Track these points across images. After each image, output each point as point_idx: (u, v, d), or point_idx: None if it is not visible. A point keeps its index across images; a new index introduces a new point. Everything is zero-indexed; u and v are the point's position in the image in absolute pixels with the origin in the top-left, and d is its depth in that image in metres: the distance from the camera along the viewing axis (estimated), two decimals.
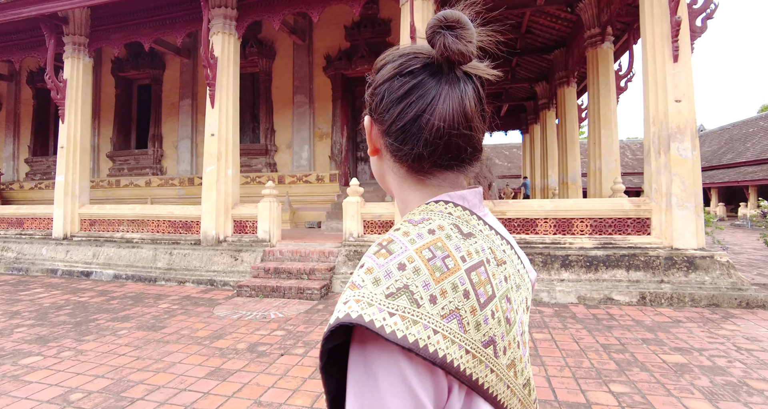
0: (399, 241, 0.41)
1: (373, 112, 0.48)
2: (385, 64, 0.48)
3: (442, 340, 0.37)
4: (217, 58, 5.79)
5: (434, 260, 0.40)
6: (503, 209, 4.98)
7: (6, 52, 7.29)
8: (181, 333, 3.46)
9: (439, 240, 0.41)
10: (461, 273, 0.40)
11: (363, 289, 0.38)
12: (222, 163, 5.75)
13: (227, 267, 5.38)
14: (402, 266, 0.39)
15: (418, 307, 0.37)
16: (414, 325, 0.36)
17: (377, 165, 0.52)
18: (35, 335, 3.43)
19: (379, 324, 0.36)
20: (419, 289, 0.38)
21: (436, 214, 0.45)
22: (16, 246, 6.67)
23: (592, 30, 7.07)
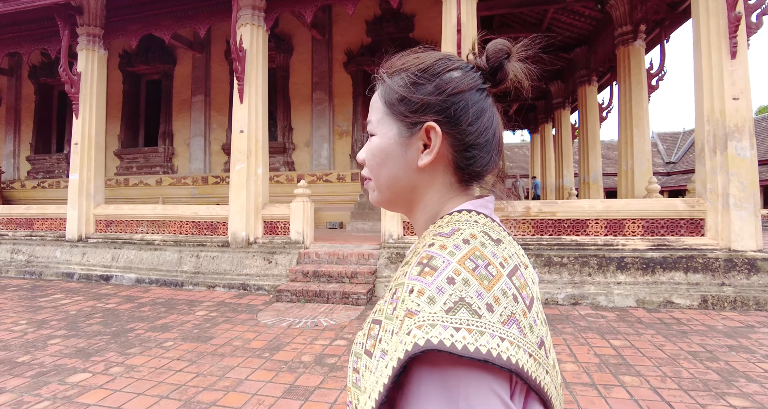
0: (439, 255, 0.40)
1: (449, 120, 0.46)
2: (450, 70, 0.47)
3: (510, 346, 0.37)
4: (246, 50, 5.52)
5: (478, 269, 0.39)
6: (554, 209, 4.81)
7: (15, 43, 6.91)
8: (234, 344, 3.21)
9: (476, 249, 0.41)
10: (505, 279, 0.40)
11: (421, 312, 0.37)
12: (252, 161, 5.48)
13: (260, 270, 5.12)
14: (451, 280, 0.38)
15: (479, 317, 0.37)
16: (481, 336, 0.36)
17: (413, 176, 0.48)
18: (73, 348, 3.15)
19: (449, 342, 0.35)
20: (474, 299, 0.37)
21: (464, 223, 0.45)
22: (27, 248, 6.31)
23: (623, 27, 6.94)
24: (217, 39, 9.10)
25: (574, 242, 4.69)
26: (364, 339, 0.44)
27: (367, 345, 0.43)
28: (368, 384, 0.40)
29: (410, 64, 0.48)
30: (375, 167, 0.49)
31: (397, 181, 0.48)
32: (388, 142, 0.48)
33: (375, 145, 0.49)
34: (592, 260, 4.49)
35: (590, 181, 9.39)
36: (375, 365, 0.40)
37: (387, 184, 0.49)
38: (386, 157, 0.48)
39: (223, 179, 8.75)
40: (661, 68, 7.05)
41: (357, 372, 0.44)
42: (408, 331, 0.36)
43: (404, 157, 0.47)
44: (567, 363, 2.82)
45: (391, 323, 0.40)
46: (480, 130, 0.46)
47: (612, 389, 2.43)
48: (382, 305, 0.44)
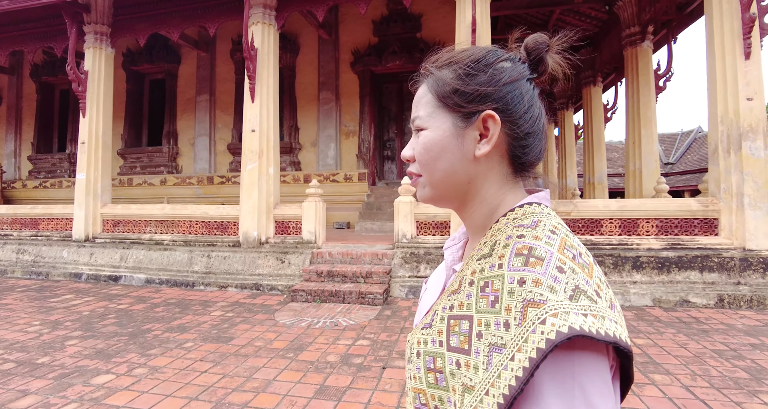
0: (538, 246, 0.40)
1: (507, 109, 0.46)
2: (501, 61, 0.47)
3: (621, 329, 0.37)
4: (257, 49, 5.49)
5: (576, 258, 0.40)
6: (568, 209, 4.81)
7: (19, 41, 6.83)
8: (256, 345, 3.17)
9: (565, 239, 0.41)
10: (596, 267, 0.41)
11: (548, 302, 0.36)
12: (263, 160, 5.45)
13: (273, 270, 5.08)
14: (561, 269, 0.38)
15: (596, 303, 0.37)
16: (604, 320, 0.36)
17: (469, 168, 0.48)
18: (92, 349, 3.10)
19: (587, 328, 0.35)
20: (586, 287, 0.37)
21: (540, 215, 0.45)
22: (32, 248, 6.22)
23: (631, 28, 6.97)
24: (222, 38, 9.05)
25: (589, 242, 4.69)
26: (441, 336, 0.43)
27: (452, 342, 0.41)
28: (479, 381, 0.38)
29: (461, 57, 0.48)
30: (429, 162, 0.48)
31: (453, 174, 0.48)
32: (443, 134, 0.47)
33: (428, 139, 0.48)
34: (607, 260, 4.49)
35: (595, 181, 9.43)
36: (484, 361, 0.38)
37: (442, 178, 0.48)
38: (442, 150, 0.47)
39: (229, 179, 8.70)
40: (669, 69, 7.10)
41: (438, 372, 0.42)
42: (541, 320, 0.35)
43: (461, 149, 0.47)
44: None
45: (495, 315, 0.38)
46: (534, 118, 0.47)
47: (644, 388, 2.42)
48: (464, 299, 0.42)
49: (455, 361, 0.40)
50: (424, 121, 0.49)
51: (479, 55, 0.47)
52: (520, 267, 0.39)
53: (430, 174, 0.49)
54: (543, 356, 0.34)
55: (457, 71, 0.47)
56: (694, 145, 24.14)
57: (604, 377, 0.37)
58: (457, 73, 0.47)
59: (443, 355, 0.42)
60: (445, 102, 0.47)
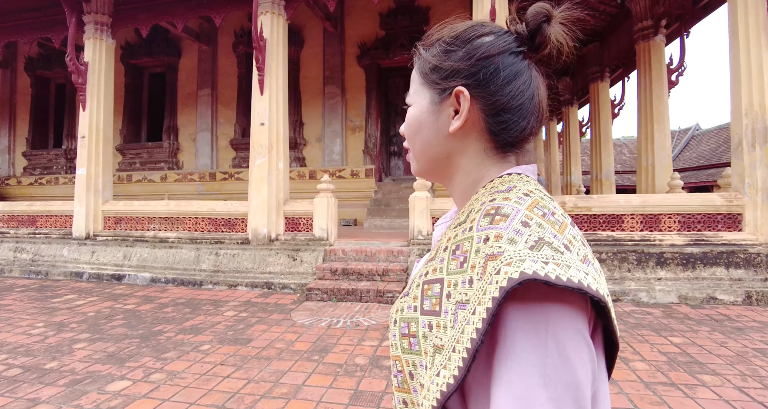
0: (506, 204, 0.40)
1: (479, 84, 0.45)
2: (480, 36, 0.46)
3: (593, 281, 0.36)
4: (266, 40, 5.30)
5: (547, 216, 0.40)
6: (589, 204, 4.69)
7: (15, 32, 6.56)
8: (277, 347, 3.01)
9: (538, 201, 0.41)
10: (570, 227, 0.41)
11: (505, 252, 0.36)
12: (273, 155, 5.27)
13: (285, 268, 4.91)
14: (526, 224, 0.38)
15: (561, 254, 0.36)
16: (569, 269, 0.35)
17: (445, 143, 0.48)
18: (103, 353, 2.92)
19: (543, 272, 0.34)
20: (552, 239, 0.37)
21: (517, 181, 0.45)
22: (31, 247, 5.99)
23: (643, 22, 6.87)
24: (225, 31, 8.81)
25: (610, 238, 4.58)
26: (416, 302, 0.43)
27: (425, 306, 0.42)
28: (447, 339, 0.38)
29: (443, 34, 0.48)
30: (411, 136, 0.51)
31: (430, 148, 0.49)
32: (421, 110, 0.49)
33: (410, 115, 0.50)
34: (630, 256, 4.38)
35: (603, 178, 9.35)
36: (452, 319, 0.38)
37: (422, 151, 0.50)
38: (420, 125, 0.49)
39: (232, 175, 8.49)
40: (681, 64, 7.00)
41: (412, 337, 0.42)
42: (496, 271, 0.36)
43: (436, 124, 0.48)
44: (635, 361, 2.69)
45: (462, 275, 0.39)
46: (513, 94, 0.45)
47: (696, 389, 2.30)
48: (438, 264, 0.43)
49: (427, 323, 0.41)
50: (410, 98, 0.51)
51: (459, 31, 0.47)
52: (486, 226, 0.39)
53: (413, 147, 0.51)
54: (498, 304, 0.34)
55: (438, 49, 0.47)
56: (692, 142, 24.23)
57: (580, 330, 0.36)
58: (437, 50, 0.47)
59: (417, 319, 0.42)
60: (426, 79, 0.49)
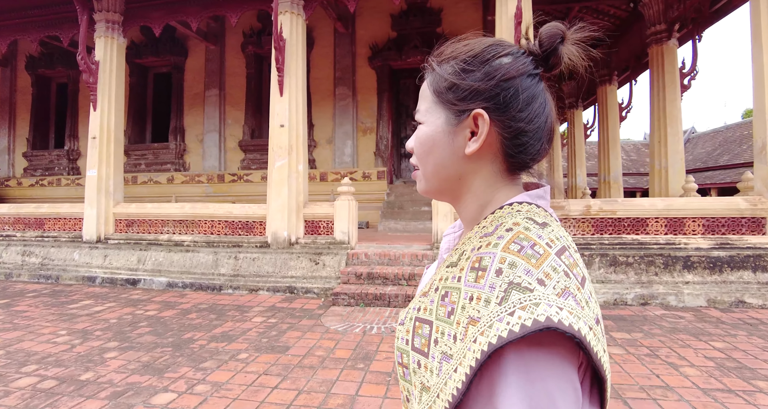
0: (486, 254, 0.41)
1: (498, 107, 0.45)
2: (499, 56, 0.46)
3: (569, 315, 0.36)
4: (286, 40, 5.22)
5: (524, 249, 0.40)
6: (614, 207, 4.69)
7: (21, 30, 6.39)
8: (317, 354, 2.93)
9: (520, 233, 0.42)
10: (553, 257, 0.40)
11: (482, 318, 0.37)
12: (293, 157, 5.18)
13: (306, 272, 4.83)
14: (499, 271, 0.39)
15: (531, 292, 0.37)
16: (537, 307, 0.36)
17: (459, 165, 0.48)
18: (138, 363, 2.82)
19: (506, 332, 0.35)
20: (524, 277, 0.38)
21: (505, 216, 0.45)
22: (39, 250, 5.82)
23: (657, 26, 6.91)
24: (233, 31, 8.70)
25: (635, 241, 4.58)
26: (408, 335, 0.45)
27: (415, 343, 0.44)
28: (433, 384, 0.40)
29: (459, 52, 0.47)
30: (422, 155, 0.49)
31: (443, 169, 0.48)
32: (436, 130, 0.48)
33: (423, 134, 0.49)
34: (657, 259, 4.38)
35: (611, 180, 9.40)
36: (437, 367, 0.40)
37: (434, 172, 0.49)
38: (434, 145, 0.48)
39: (241, 177, 8.37)
40: (693, 67, 7.06)
41: (405, 367, 0.44)
42: (473, 339, 0.37)
43: (451, 145, 0.47)
44: (685, 367, 2.67)
45: (449, 327, 0.40)
46: (530, 117, 0.46)
47: (755, 396, 2.28)
48: (427, 304, 0.44)
49: (416, 360, 0.43)
50: (422, 115, 0.49)
51: (477, 51, 0.46)
52: (472, 283, 0.40)
53: (423, 167, 0.50)
54: (474, 373, 0.36)
55: (454, 67, 0.46)
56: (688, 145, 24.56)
57: (567, 373, 0.37)
58: (454, 69, 0.46)
59: (408, 353, 0.44)
60: (441, 98, 0.47)
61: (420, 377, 0.42)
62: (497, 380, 0.36)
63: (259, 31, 8.35)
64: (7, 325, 3.65)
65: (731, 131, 20.83)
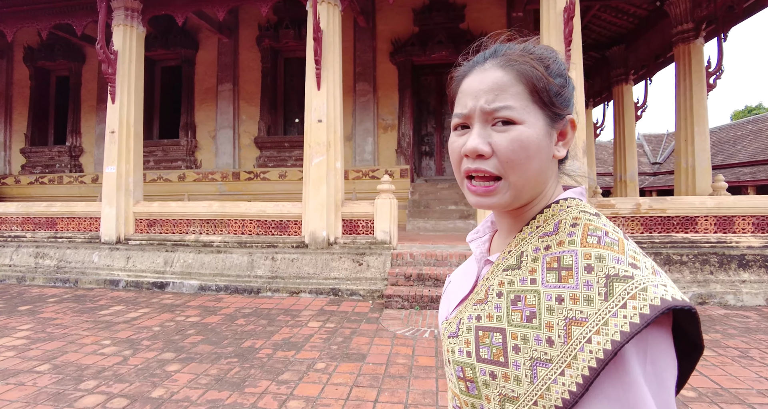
0: (564, 253, 0.41)
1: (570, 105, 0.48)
2: (557, 60, 0.49)
3: (673, 289, 0.38)
4: (323, 31, 4.99)
5: (601, 240, 0.41)
6: (663, 206, 4.62)
7: (30, 17, 5.98)
8: (399, 362, 2.74)
9: (587, 225, 0.43)
10: (627, 241, 0.41)
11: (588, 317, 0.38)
12: (331, 153, 4.96)
13: (350, 274, 4.61)
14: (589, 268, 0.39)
15: (632, 279, 0.37)
16: (645, 292, 0.36)
17: (549, 169, 0.48)
18: (207, 376, 2.58)
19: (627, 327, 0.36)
20: (617, 267, 0.38)
21: (559, 214, 0.46)
22: (54, 252, 5.45)
23: (684, 25, 6.92)
24: (246, 23, 8.40)
25: (686, 240, 4.51)
26: (469, 347, 0.44)
27: (482, 354, 0.42)
28: (522, 392, 0.39)
29: (551, 56, 0.48)
30: (523, 160, 0.44)
31: (540, 174, 0.46)
32: (539, 132, 0.45)
33: (527, 136, 0.44)
34: (712, 258, 4.33)
35: (627, 179, 9.44)
36: (527, 374, 0.39)
37: (532, 178, 0.46)
38: (538, 150, 0.45)
39: (258, 175, 8.08)
40: (719, 67, 7.09)
41: (469, 381, 0.43)
42: (585, 339, 0.37)
43: (549, 149, 0.46)
44: None
45: (535, 331, 0.39)
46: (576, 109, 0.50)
47: None
48: (491, 311, 0.43)
49: (489, 372, 0.42)
50: (519, 113, 0.44)
51: (560, 58, 0.49)
52: (554, 284, 0.40)
53: (519, 175, 0.45)
54: (596, 374, 0.36)
55: (551, 68, 0.47)
56: None
57: (671, 349, 0.38)
58: (551, 69, 0.47)
59: (473, 366, 0.43)
60: (542, 96, 0.45)
61: (496, 389, 0.41)
62: (617, 374, 0.36)
63: (275, 24, 8.07)
64: (41, 334, 3.35)
65: (724, 132, 21.35)
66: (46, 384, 2.44)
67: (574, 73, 4.76)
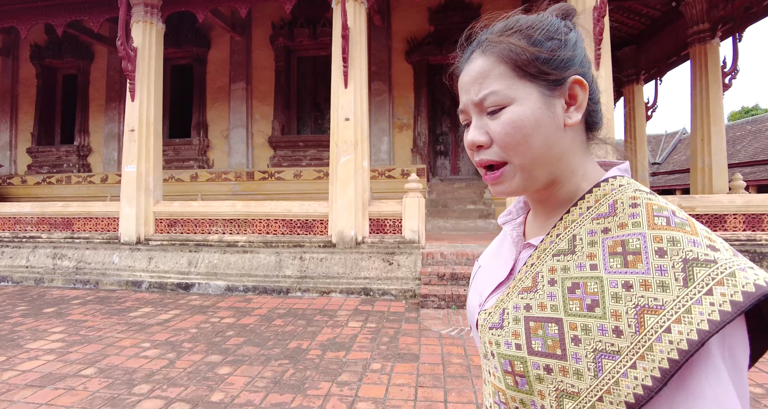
0: (628, 236, 0.38)
1: (584, 73, 0.44)
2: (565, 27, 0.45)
3: (762, 272, 0.35)
4: (350, 29, 4.94)
5: (671, 221, 0.38)
6: (693, 204, 4.63)
7: (44, 13, 5.86)
8: (455, 362, 2.70)
9: (650, 205, 0.40)
10: (695, 221, 0.39)
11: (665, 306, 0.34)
12: (359, 152, 4.91)
13: (381, 273, 4.56)
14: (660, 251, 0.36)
15: (715, 263, 0.34)
16: (733, 277, 0.34)
17: (562, 140, 0.44)
18: (263, 378, 2.51)
19: (714, 316, 0.33)
20: (695, 250, 0.35)
21: (613, 194, 0.42)
22: (72, 253, 5.33)
23: (700, 25, 6.96)
24: (259, 21, 8.32)
25: None
26: (519, 339, 0.41)
27: (534, 346, 0.39)
28: (584, 387, 0.36)
29: (528, 22, 0.45)
30: (521, 141, 0.42)
31: (549, 150, 0.43)
32: (533, 105, 0.42)
33: (518, 115, 0.42)
34: (745, 256, 4.33)
35: (638, 178, 9.49)
36: (590, 367, 0.36)
37: (540, 157, 0.43)
38: (536, 124, 0.42)
39: (272, 175, 8.00)
40: (734, 67, 7.16)
41: (518, 376, 0.41)
42: (664, 328, 0.34)
43: (554, 120, 0.43)
44: None
45: (599, 321, 0.36)
46: (595, 80, 0.46)
47: None
48: (543, 300, 0.40)
49: (544, 365, 0.39)
50: (504, 95, 0.42)
51: (548, 21, 0.45)
52: (620, 269, 0.37)
53: (523, 156, 0.42)
54: (678, 367, 0.33)
55: (532, 35, 0.43)
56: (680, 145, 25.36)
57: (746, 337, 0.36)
58: (533, 37, 0.43)
59: (524, 359, 0.40)
60: (527, 70, 0.43)
61: (552, 384, 0.38)
62: (701, 366, 0.33)
63: (290, 22, 8.00)
64: (75, 337, 3.25)
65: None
66: (98, 389, 2.36)
67: (604, 71, 4.76)
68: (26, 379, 2.48)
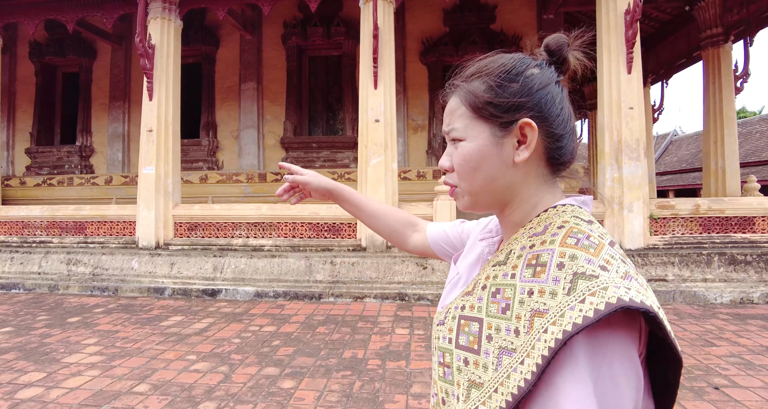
0: (543, 251, 0.43)
1: (540, 115, 0.48)
2: (529, 67, 0.49)
3: (637, 293, 0.37)
4: (380, 28, 4.85)
5: (580, 241, 0.42)
6: (722, 207, 4.67)
7: (54, 9, 5.61)
8: None
9: (572, 228, 0.44)
10: (608, 247, 0.42)
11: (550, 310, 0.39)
12: (388, 154, 4.83)
13: (415, 278, 4.48)
14: (560, 265, 0.40)
15: (597, 278, 0.38)
16: (606, 290, 0.37)
17: (509, 174, 0.49)
18: (333, 392, 2.40)
19: (580, 318, 0.37)
20: (586, 266, 0.39)
21: (552, 217, 0.47)
22: (87, 258, 5.10)
23: (713, 29, 7.07)
24: (270, 21, 8.15)
25: (746, 240, 4.57)
26: (451, 334, 0.47)
27: (461, 341, 0.45)
28: (487, 379, 0.41)
29: (491, 68, 0.49)
30: (468, 171, 0.49)
31: (493, 182, 0.49)
32: (482, 143, 0.48)
33: (468, 150, 0.49)
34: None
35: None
36: (494, 362, 0.41)
37: (482, 186, 0.49)
38: (481, 160, 0.48)
39: None
40: (746, 71, 7.29)
41: (447, 366, 0.46)
42: (543, 329, 0.38)
43: (500, 157, 0.48)
44: None
45: (506, 322, 0.41)
46: (565, 119, 0.49)
47: None
48: (474, 302, 0.46)
49: (463, 358, 0.44)
50: (461, 132, 0.50)
51: (509, 65, 0.48)
52: (529, 278, 0.42)
53: (470, 183, 0.50)
54: (547, 363, 0.37)
55: (489, 82, 0.48)
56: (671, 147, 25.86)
57: (631, 356, 0.38)
58: (489, 84, 0.48)
59: (451, 351, 0.46)
60: (480, 113, 0.48)
61: (467, 375, 0.43)
62: (566, 367, 0.37)
63: (302, 21, 7.87)
64: (113, 349, 3.08)
65: None
66: (160, 408, 2.22)
67: (636, 74, 4.77)
68: (77, 398, 2.32)
